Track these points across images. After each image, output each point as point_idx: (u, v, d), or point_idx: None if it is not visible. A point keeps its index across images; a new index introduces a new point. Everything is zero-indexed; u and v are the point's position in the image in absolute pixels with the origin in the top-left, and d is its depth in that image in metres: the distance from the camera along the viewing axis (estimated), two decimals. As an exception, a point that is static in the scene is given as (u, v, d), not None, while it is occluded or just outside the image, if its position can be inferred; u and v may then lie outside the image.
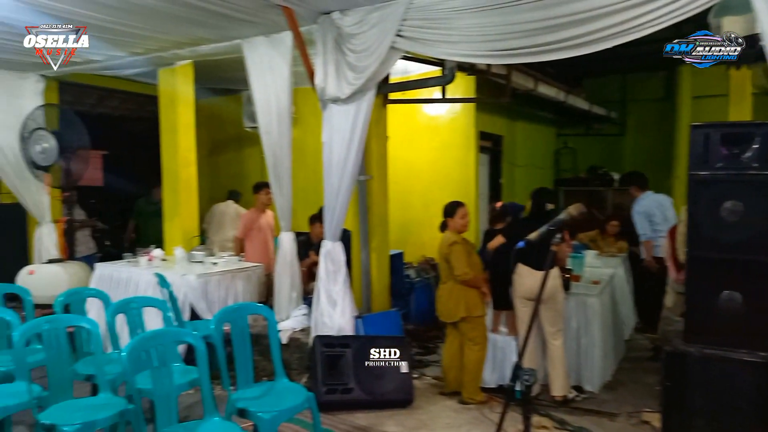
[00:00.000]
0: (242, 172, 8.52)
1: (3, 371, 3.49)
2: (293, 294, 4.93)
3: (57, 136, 5.77)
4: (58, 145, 5.76)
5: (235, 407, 2.95)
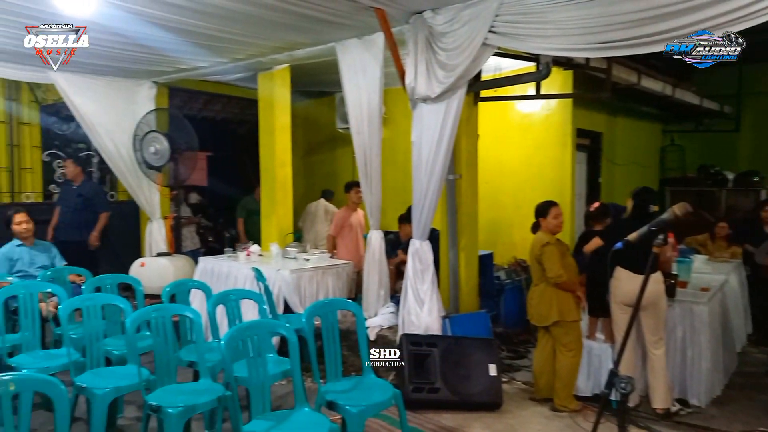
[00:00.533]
0: (335, 172, 8.75)
1: (117, 355, 3.80)
2: (381, 292, 4.98)
3: (168, 139, 6.20)
4: (170, 147, 6.18)
5: (325, 399, 3.03)
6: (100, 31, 4.58)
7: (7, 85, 6.79)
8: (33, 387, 2.17)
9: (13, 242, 4.80)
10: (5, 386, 2.06)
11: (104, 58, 5.61)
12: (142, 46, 5.10)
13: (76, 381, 3.26)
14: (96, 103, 6.30)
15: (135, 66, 6.05)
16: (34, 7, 4.01)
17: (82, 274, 4.71)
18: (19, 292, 3.85)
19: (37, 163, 7.10)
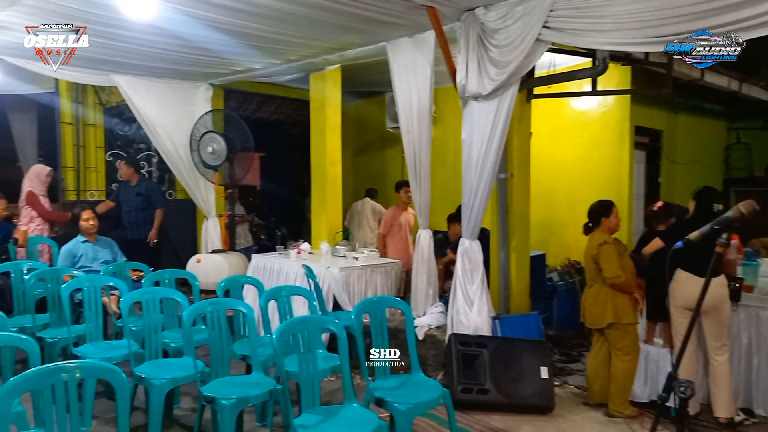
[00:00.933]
0: (384, 171, 8.78)
1: (174, 347, 3.94)
2: (430, 291, 4.95)
3: (225, 139, 6.37)
4: (227, 147, 6.35)
5: (373, 396, 3.04)
6: (160, 34, 4.76)
7: (74, 88, 7.14)
8: (97, 374, 2.27)
9: (78, 238, 5.04)
10: (72, 373, 2.16)
11: (164, 61, 5.82)
12: (199, 48, 5.26)
13: (135, 371, 3.40)
14: (156, 105, 6.54)
15: (192, 68, 6.25)
16: (99, 12, 4.19)
17: (142, 269, 4.90)
18: (83, 285, 4.04)
19: (101, 163, 7.43)
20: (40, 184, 6.24)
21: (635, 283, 3.93)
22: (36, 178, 6.24)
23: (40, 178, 6.25)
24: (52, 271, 4.60)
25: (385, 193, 7.96)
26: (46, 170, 6.36)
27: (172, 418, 3.80)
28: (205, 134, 6.43)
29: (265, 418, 3.69)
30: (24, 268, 4.70)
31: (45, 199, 6.28)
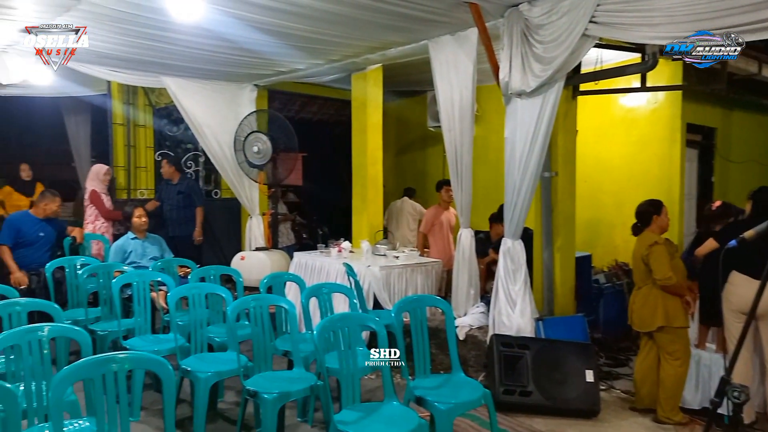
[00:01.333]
0: (425, 171, 8.75)
1: (218, 341, 4.02)
2: (471, 291, 4.90)
3: (271, 139, 6.47)
4: (272, 147, 6.46)
5: (413, 395, 3.02)
6: (207, 36, 4.88)
7: (125, 90, 7.39)
8: (145, 366, 2.33)
9: (128, 235, 5.21)
10: (121, 363, 2.23)
11: (210, 63, 5.96)
12: (244, 49, 5.36)
13: (181, 364, 3.48)
14: (203, 106, 6.71)
15: (238, 70, 6.38)
16: (149, 16, 4.32)
17: (188, 265, 5.03)
18: (133, 280, 4.17)
19: (150, 162, 7.67)
20: (99, 183, 6.46)
21: (686, 286, 3.79)
22: (96, 177, 6.47)
23: (99, 177, 6.47)
24: (103, 267, 4.76)
25: (426, 193, 7.94)
26: (104, 169, 6.58)
27: (216, 411, 3.88)
28: (250, 134, 6.54)
29: (306, 413, 3.72)
30: (77, 263, 4.89)
31: (106, 198, 6.50)
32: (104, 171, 6.54)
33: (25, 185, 6.38)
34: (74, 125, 8.91)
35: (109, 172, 6.61)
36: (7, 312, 3.13)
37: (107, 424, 2.17)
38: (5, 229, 5.06)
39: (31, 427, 2.56)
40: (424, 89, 7.95)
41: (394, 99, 8.67)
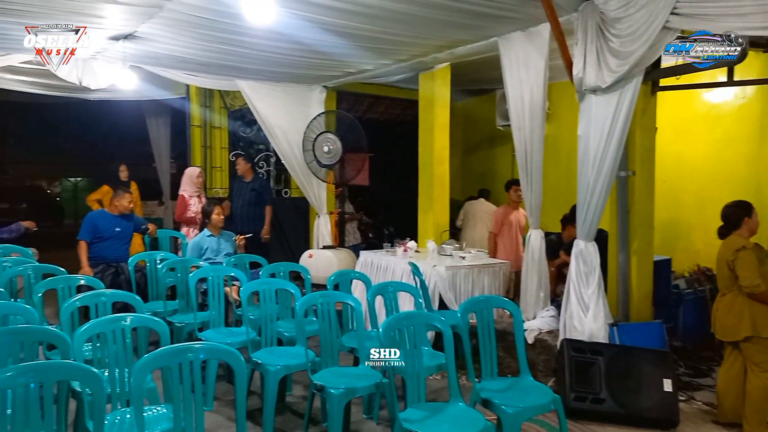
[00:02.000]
0: (492, 170, 8.62)
1: (287, 336, 4.12)
2: (541, 294, 4.77)
3: (341, 139, 6.57)
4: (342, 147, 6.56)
5: (480, 397, 2.98)
6: (279, 39, 5.01)
7: (202, 93, 7.72)
8: (218, 356, 2.42)
9: (204, 232, 5.43)
10: (197, 353, 2.32)
11: (282, 65, 6.13)
12: (314, 51, 5.47)
13: (252, 357, 3.59)
14: (274, 108, 6.91)
15: (308, 72, 6.52)
16: (226, 21, 4.48)
17: (260, 261, 5.18)
18: (208, 275, 4.35)
19: (225, 162, 7.98)
20: (192, 186, 6.62)
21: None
22: (189, 180, 6.66)
23: (192, 179, 6.65)
24: (181, 262, 5.00)
25: (495, 193, 7.81)
26: (197, 171, 6.73)
27: (285, 404, 3.97)
28: (320, 134, 6.66)
29: (371, 410, 3.75)
30: (157, 258, 5.15)
31: (198, 200, 6.63)
32: (197, 173, 6.68)
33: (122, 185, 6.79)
34: (155, 127, 9.43)
35: (201, 174, 6.75)
36: (94, 302, 3.34)
37: (183, 411, 2.26)
38: (84, 226, 5.42)
39: (114, 411, 2.72)
40: (493, 87, 7.82)
41: (462, 98, 8.59)
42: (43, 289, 3.79)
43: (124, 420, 2.61)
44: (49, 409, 2.19)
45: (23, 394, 2.02)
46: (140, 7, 4.22)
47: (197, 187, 6.63)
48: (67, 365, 2.21)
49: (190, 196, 6.58)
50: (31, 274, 4.28)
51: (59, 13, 4.28)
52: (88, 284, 3.92)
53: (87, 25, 4.59)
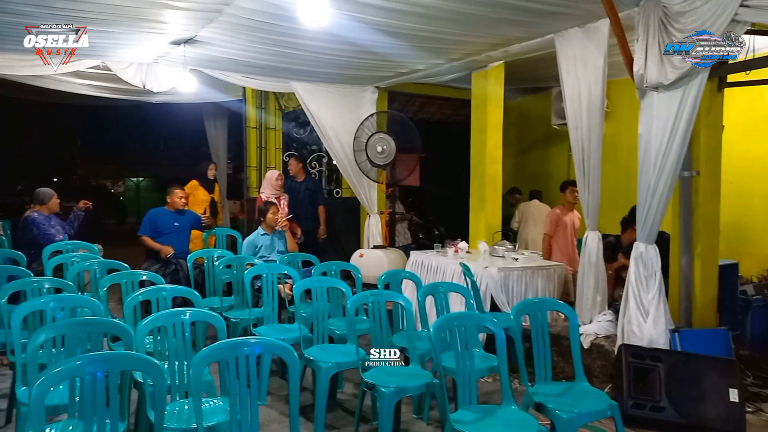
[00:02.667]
0: (547, 171, 8.43)
1: (339, 334, 4.17)
2: (597, 297, 4.63)
3: (395, 139, 6.59)
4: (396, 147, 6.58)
5: (533, 400, 2.92)
6: (332, 41, 5.07)
7: (258, 96, 7.90)
8: (273, 351, 2.46)
9: (258, 231, 5.56)
10: (252, 348, 2.37)
11: (335, 67, 6.20)
12: (367, 52, 5.51)
13: (305, 353, 3.64)
14: (327, 109, 7.00)
15: (360, 72, 6.57)
16: (282, 24, 4.58)
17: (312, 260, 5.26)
18: (262, 272, 4.45)
19: (279, 163, 8.13)
20: (271, 188, 6.56)
21: None
22: (269, 183, 6.61)
23: (271, 182, 6.58)
24: (236, 259, 5.13)
25: (549, 194, 7.65)
26: (276, 174, 6.66)
27: (336, 401, 4.01)
28: (374, 134, 6.70)
29: (421, 410, 3.74)
30: (214, 255, 5.31)
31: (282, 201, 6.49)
32: (275, 176, 6.61)
33: (209, 183, 7.02)
34: (213, 129, 9.73)
35: (280, 177, 6.65)
36: (155, 296, 3.47)
37: (239, 404, 2.32)
38: (144, 222, 5.73)
39: (173, 402, 2.82)
40: (549, 85, 7.66)
41: (516, 96, 8.45)
42: (108, 283, 3.97)
43: (183, 411, 2.70)
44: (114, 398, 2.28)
45: (91, 383, 2.12)
46: (200, 12, 4.36)
47: (276, 189, 6.57)
48: (131, 356, 2.31)
49: (269, 197, 6.54)
50: (97, 269, 4.49)
51: (126, 19, 4.48)
52: (149, 279, 4.08)
53: (151, 30, 4.82)
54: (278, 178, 6.60)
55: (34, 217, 5.63)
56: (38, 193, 5.85)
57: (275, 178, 6.60)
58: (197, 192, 6.84)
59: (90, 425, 2.12)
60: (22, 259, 4.94)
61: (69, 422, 2.47)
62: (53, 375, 2.02)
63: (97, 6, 4.15)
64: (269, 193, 6.54)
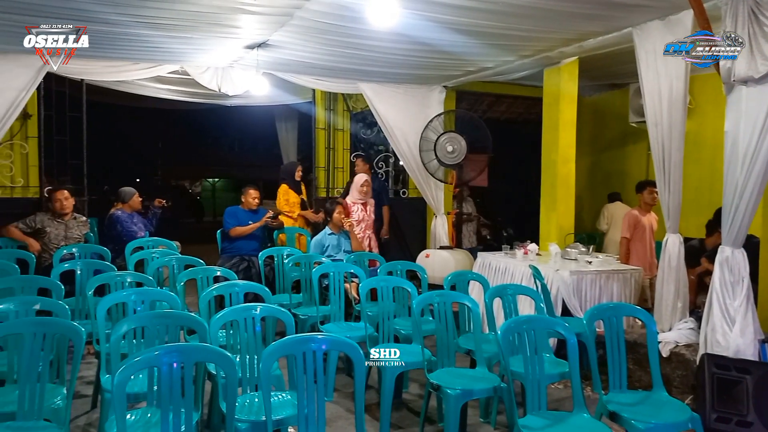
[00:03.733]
0: (623, 170, 8.08)
1: (404, 333, 4.16)
2: (678, 304, 4.38)
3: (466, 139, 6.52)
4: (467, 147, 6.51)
5: (607, 409, 2.79)
6: (401, 41, 5.08)
7: (327, 97, 8.04)
8: (340, 348, 2.48)
9: (326, 230, 5.65)
10: (320, 344, 2.41)
11: (403, 67, 6.21)
12: (436, 51, 5.47)
13: (371, 352, 3.66)
14: (395, 109, 7.02)
15: (428, 72, 6.54)
16: (352, 26, 4.62)
17: (378, 259, 5.29)
18: (329, 271, 4.52)
19: (346, 163, 8.23)
20: (357, 193, 6.39)
21: None
22: (355, 187, 6.47)
23: (357, 187, 6.43)
24: (305, 258, 5.24)
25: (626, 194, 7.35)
26: (362, 179, 6.45)
27: (401, 401, 4.01)
28: (444, 134, 6.66)
29: (488, 414, 3.67)
30: (284, 253, 5.44)
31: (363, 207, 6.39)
32: (362, 182, 6.41)
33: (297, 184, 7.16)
34: (284, 131, 9.99)
35: (367, 183, 6.43)
36: (229, 292, 3.59)
37: (306, 399, 2.36)
38: (226, 218, 5.98)
39: (243, 394, 2.90)
40: (626, 81, 7.35)
41: (591, 93, 8.16)
42: (185, 278, 4.15)
43: (253, 403, 2.77)
44: (189, 388, 2.38)
45: (167, 373, 2.21)
46: (273, 16, 4.48)
47: (362, 195, 6.39)
48: (206, 348, 2.40)
49: (354, 203, 6.41)
50: (175, 265, 4.71)
51: (204, 25, 4.67)
52: (223, 275, 4.24)
53: (227, 35, 5.00)
54: (364, 184, 6.40)
55: (118, 214, 5.98)
56: (121, 192, 6.22)
57: (361, 183, 6.40)
58: (289, 195, 6.80)
59: (166, 413, 2.22)
60: (107, 254, 5.25)
61: (148, 410, 2.60)
62: (133, 364, 2.13)
63: (178, 13, 4.34)
64: (355, 198, 6.40)
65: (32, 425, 2.47)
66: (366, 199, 6.45)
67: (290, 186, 6.82)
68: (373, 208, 6.49)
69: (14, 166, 6.18)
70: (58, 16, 4.23)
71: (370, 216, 6.40)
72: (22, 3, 4.04)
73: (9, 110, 5.36)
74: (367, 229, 6.39)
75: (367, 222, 6.41)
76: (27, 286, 3.77)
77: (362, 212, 6.38)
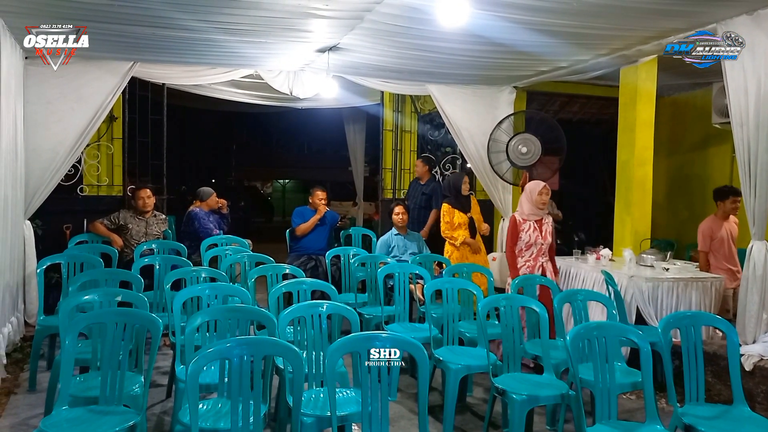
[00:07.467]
0: (705, 174, 7.64)
1: (469, 336, 4.12)
2: (763, 315, 4.10)
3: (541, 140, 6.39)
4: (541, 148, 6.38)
5: (682, 422, 2.66)
6: (470, 42, 5.03)
7: (395, 99, 8.08)
8: (404, 347, 2.49)
9: (392, 231, 5.69)
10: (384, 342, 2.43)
11: (471, 68, 6.15)
12: (506, 51, 5.38)
13: (435, 353, 3.66)
14: (463, 110, 6.95)
15: (498, 72, 6.45)
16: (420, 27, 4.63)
17: (444, 262, 5.26)
18: (394, 271, 4.55)
19: (413, 165, 8.22)
20: (530, 205, 4.68)
21: None
22: (527, 198, 4.76)
23: (532, 196, 4.70)
24: (371, 258, 5.29)
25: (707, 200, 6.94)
26: (539, 187, 4.71)
27: (465, 404, 3.98)
28: (517, 134, 6.56)
29: (555, 422, 3.57)
30: (350, 253, 5.52)
31: (536, 225, 4.62)
32: (538, 190, 4.68)
33: (464, 201, 6.84)
34: (352, 133, 10.14)
35: (545, 191, 4.72)
36: (296, 289, 3.69)
37: (370, 397, 2.38)
38: (294, 217, 6.15)
39: (309, 390, 2.97)
40: (709, 80, 6.95)
41: (670, 92, 7.78)
42: (256, 275, 4.30)
43: (318, 398, 2.83)
44: (258, 381, 2.46)
45: (238, 365, 2.30)
46: (344, 19, 4.56)
47: (539, 207, 4.66)
48: (275, 342, 2.47)
49: (525, 220, 4.68)
50: (247, 262, 4.89)
51: (277, 30, 4.82)
52: (292, 273, 4.35)
53: (299, 39, 5.13)
54: (541, 192, 4.66)
55: (196, 212, 6.27)
56: (200, 191, 6.52)
57: (537, 191, 4.67)
58: (453, 215, 5.71)
59: (236, 404, 2.31)
60: (184, 250, 5.51)
61: (218, 400, 2.71)
62: (206, 355, 2.23)
63: (253, 18, 4.50)
64: (529, 212, 4.69)
65: (113, 409, 2.64)
66: (542, 214, 4.74)
67: (453, 204, 5.68)
68: (549, 228, 4.75)
69: (101, 165, 6.60)
70: (147, 24, 4.54)
71: (546, 238, 4.68)
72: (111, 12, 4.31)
73: (97, 113, 5.73)
74: (540, 256, 4.69)
75: (539, 246, 4.69)
76: (110, 279, 4.02)
77: (534, 232, 4.66)
